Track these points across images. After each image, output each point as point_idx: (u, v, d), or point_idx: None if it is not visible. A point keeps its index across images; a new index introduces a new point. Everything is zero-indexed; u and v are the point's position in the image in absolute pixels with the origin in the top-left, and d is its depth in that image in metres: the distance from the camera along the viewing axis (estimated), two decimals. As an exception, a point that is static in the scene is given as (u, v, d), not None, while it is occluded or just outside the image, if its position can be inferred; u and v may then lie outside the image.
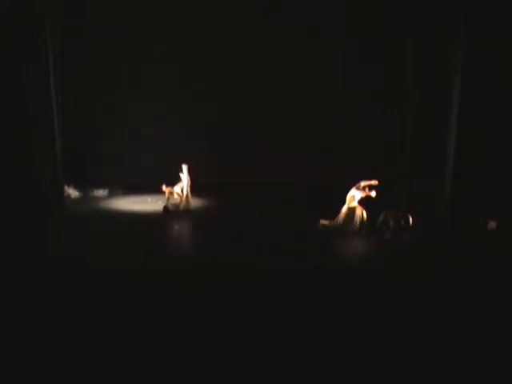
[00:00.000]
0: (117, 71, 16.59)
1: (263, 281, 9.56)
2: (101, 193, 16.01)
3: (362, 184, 12.40)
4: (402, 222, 11.69)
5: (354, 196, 12.38)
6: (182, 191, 14.39)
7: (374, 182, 12.36)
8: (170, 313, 8.20)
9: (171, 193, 14.38)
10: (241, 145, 16.94)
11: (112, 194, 16.02)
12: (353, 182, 12.62)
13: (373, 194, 12.25)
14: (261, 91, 16.75)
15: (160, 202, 14.62)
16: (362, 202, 12.47)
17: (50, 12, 13.63)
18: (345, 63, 16.53)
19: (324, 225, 12.63)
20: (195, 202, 14.92)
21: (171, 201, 14.38)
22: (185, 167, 14.42)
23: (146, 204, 15.05)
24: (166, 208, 14.25)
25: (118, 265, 10.31)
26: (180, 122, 16.66)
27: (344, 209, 12.43)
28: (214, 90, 16.77)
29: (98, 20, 16.30)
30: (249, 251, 11.21)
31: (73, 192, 15.73)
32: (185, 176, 14.40)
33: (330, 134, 16.66)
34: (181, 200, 14.40)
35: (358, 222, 12.31)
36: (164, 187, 14.33)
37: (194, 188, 14.68)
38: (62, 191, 14.64)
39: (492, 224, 12.36)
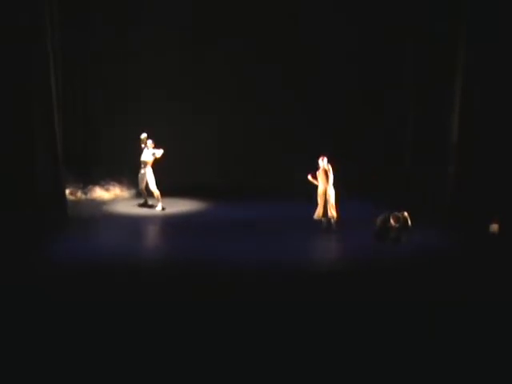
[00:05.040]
0: (117, 71, 16.62)
1: (262, 281, 9.59)
2: (103, 194, 15.99)
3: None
4: (402, 222, 11.66)
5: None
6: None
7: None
8: (169, 314, 8.22)
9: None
10: (240, 145, 16.97)
11: (113, 195, 16.01)
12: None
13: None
14: (261, 91, 16.77)
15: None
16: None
17: (49, 11, 13.62)
18: (345, 63, 16.55)
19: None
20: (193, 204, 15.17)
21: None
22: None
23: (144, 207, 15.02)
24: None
25: (118, 265, 10.34)
26: (180, 122, 16.71)
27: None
28: (215, 90, 16.81)
29: (98, 20, 16.34)
30: (248, 251, 11.24)
31: (74, 193, 15.69)
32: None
33: (330, 133, 16.65)
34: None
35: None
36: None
37: (194, 188, 14.95)
38: (63, 193, 14.57)
39: (494, 227, 12.25)
